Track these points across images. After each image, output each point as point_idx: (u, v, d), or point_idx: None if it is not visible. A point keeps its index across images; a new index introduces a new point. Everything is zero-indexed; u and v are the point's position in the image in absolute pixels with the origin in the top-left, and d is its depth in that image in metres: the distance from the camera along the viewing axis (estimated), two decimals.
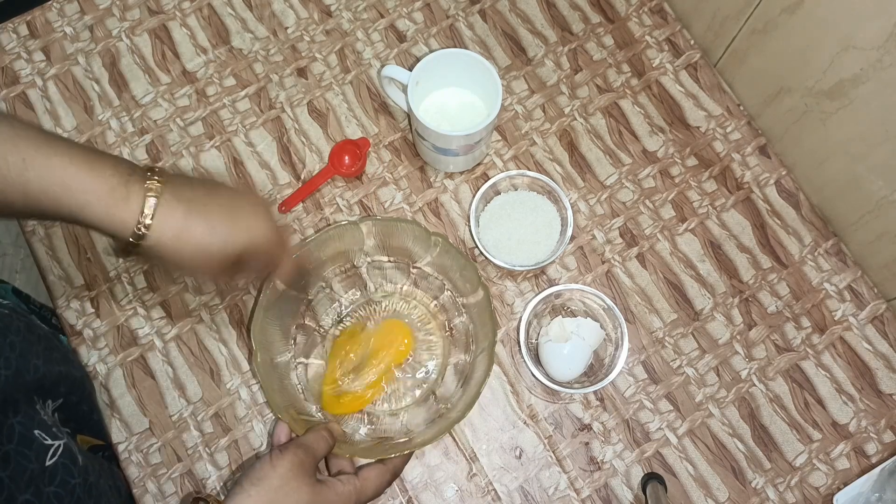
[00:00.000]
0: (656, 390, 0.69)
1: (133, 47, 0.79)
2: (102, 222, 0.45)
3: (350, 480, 0.57)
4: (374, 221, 0.66)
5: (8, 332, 0.56)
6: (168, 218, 0.46)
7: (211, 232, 0.48)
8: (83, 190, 0.44)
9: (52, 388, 0.60)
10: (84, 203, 0.45)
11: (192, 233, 0.47)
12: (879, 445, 0.68)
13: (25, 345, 0.57)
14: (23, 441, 0.53)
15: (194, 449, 0.67)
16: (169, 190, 0.46)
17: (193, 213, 0.47)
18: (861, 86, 0.63)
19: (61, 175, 0.44)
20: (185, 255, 0.48)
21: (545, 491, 0.66)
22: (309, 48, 0.79)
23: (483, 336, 0.64)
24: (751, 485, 0.67)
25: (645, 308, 0.71)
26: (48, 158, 0.44)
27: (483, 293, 0.63)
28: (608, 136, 0.76)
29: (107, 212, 0.45)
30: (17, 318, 0.59)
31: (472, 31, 0.80)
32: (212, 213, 0.48)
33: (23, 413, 0.54)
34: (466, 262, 0.65)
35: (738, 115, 0.77)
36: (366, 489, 0.57)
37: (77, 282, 0.71)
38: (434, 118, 0.69)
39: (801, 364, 0.70)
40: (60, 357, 0.63)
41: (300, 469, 0.54)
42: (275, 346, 0.65)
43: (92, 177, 0.45)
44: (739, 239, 0.73)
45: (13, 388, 0.54)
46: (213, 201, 0.49)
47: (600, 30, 0.80)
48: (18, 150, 0.44)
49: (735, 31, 0.74)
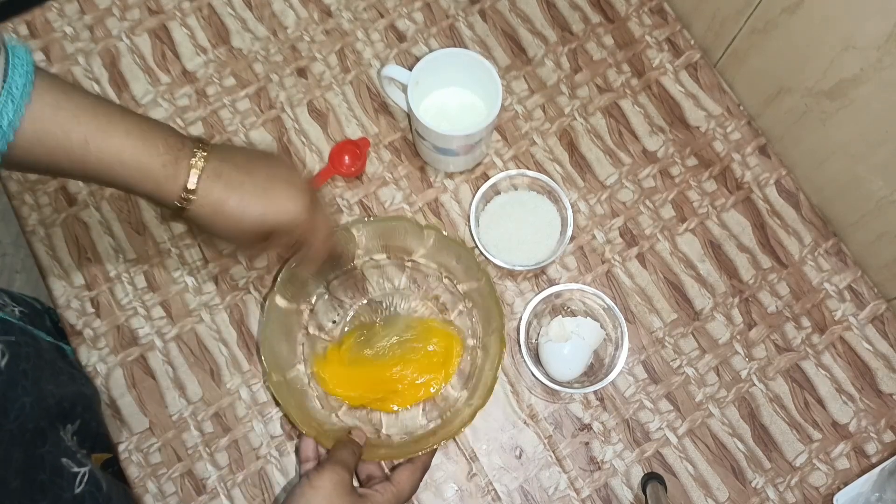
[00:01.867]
0: (656, 390, 0.69)
1: (133, 47, 0.79)
2: (153, 194, 0.50)
3: (386, 488, 0.59)
4: (365, 224, 0.67)
5: (19, 361, 0.56)
6: (207, 193, 0.50)
7: (243, 208, 0.51)
8: (138, 167, 0.48)
9: (71, 410, 0.60)
10: (139, 179, 0.49)
11: (226, 207, 0.50)
12: (879, 445, 0.68)
13: (37, 372, 0.57)
14: (54, 470, 0.53)
15: (194, 449, 0.67)
16: (211, 166, 0.50)
17: (230, 190, 0.50)
18: (861, 86, 0.63)
19: (119, 152, 0.48)
20: (219, 226, 0.51)
21: (545, 491, 0.66)
22: (309, 48, 0.79)
23: (490, 321, 0.64)
24: (751, 485, 0.67)
25: (645, 308, 0.71)
26: (108, 137, 0.47)
27: (484, 278, 0.64)
28: (608, 136, 0.76)
29: (157, 186, 0.49)
30: (26, 346, 0.59)
31: (472, 31, 0.80)
32: (246, 191, 0.51)
33: (50, 442, 0.55)
34: (462, 249, 0.65)
35: (738, 115, 0.77)
36: (402, 492, 0.59)
37: (77, 282, 0.71)
38: (434, 118, 0.69)
39: (801, 364, 0.70)
40: (67, 378, 0.63)
41: (342, 487, 0.56)
42: (284, 360, 0.65)
43: (146, 153, 0.48)
44: (739, 239, 0.73)
45: (38, 415, 0.54)
46: (250, 179, 0.51)
47: (600, 30, 0.80)
48: (81, 127, 0.47)
49: (735, 31, 0.74)
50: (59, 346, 0.69)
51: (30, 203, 0.74)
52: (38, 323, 0.70)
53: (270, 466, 0.67)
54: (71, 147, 0.47)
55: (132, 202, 0.74)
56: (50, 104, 0.46)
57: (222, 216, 0.51)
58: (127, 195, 0.74)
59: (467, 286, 0.67)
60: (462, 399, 0.66)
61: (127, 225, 0.73)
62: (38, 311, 0.77)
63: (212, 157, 0.50)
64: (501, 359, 0.61)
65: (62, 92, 0.47)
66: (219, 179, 0.50)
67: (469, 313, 0.68)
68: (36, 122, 0.46)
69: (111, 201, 0.74)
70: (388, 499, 0.58)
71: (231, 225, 0.51)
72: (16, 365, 0.55)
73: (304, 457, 0.63)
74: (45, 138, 0.46)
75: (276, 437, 0.67)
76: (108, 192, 0.74)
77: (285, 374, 0.64)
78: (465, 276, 0.67)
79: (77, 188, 0.74)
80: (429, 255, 0.68)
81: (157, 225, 0.73)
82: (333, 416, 0.66)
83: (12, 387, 0.53)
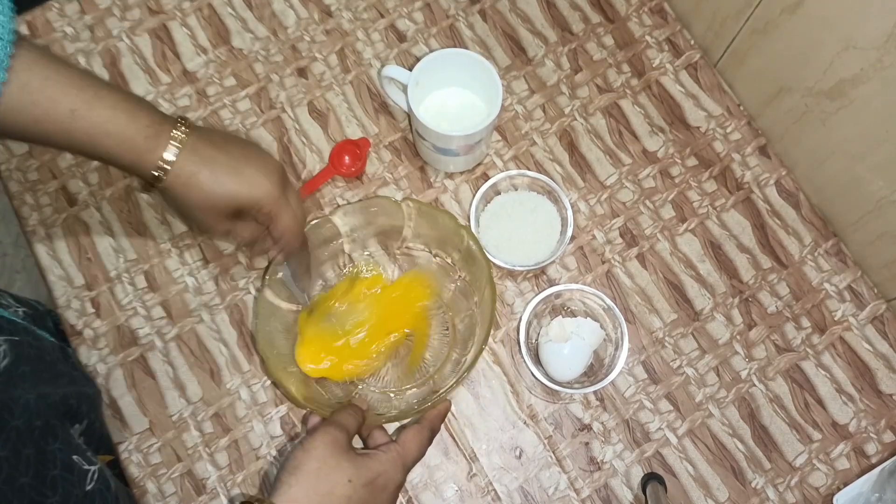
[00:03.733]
0: (656, 390, 0.69)
1: (133, 47, 0.79)
2: (132, 166, 0.51)
3: (390, 447, 0.56)
4: (346, 210, 0.67)
5: (21, 360, 0.56)
6: (182, 165, 0.51)
7: (214, 181, 0.52)
8: (122, 138, 0.50)
9: (77, 409, 0.60)
10: (120, 150, 0.50)
11: (199, 180, 0.52)
12: (879, 445, 0.68)
13: (36, 374, 0.57)
14: (65, 467, 0.53)
15: (194, 449, 0.67)
16: (190, 141, 0.52)
17: (203, 164, 0.52)
18: (861, 86, 0.63)
19: (104, 123, 0.49)
20: (192, 199, 0.53)
21: (545, 491, 0.66)
22: (309, 48, 0.79)
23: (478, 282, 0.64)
24: (751, 485, 0.67)
25: (645, 308, 0.71)
26: (94, 110, 0.49)
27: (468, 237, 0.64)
28: (608, 136, 0.76)
29: (137, 158, 0.51)
30: (29, 346, 0.59)
31: (472, 31, 0.80)
32: (219, 166, 0.53)
33: (61, 439, 0.54)
34: (439, 212, 0.65)
35: (738, 115, 0.77)
36: (409, 451, 0.57)
37: (77, 282, 0.71)
38: (434, 118, 0.69)
39: (801, 364, 0.70)
40: (68, 381, 0.62)
41: (335, 446, 0.53)
42: (286, 357, 0.65)
43: (131, 126, 0.50)
44: (739, 239, 0.73)
45: (44, 411, 0.54)
46: (224, 156, 0.53)
47: (600, 30, 0.80)
48: (69, 98, 0.48)
49: (735, 31, 0.74)
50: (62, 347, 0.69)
51: (30, 203, 0.74)
52: (40, 324, 0.70)
53: (271, 467, 0.67)
54: (58, 117, 0.48)
55: (132, 202, 0.74)
56: (39, 75, 0.48)
57: (195, 189, 0.52)
58: (126, 196, 0.74)
59: (456, 255, 0.68)
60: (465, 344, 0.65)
61: (127, 225, 0.73)
62: (41, 312, 0.77)
63: (191, 133, 0.52)
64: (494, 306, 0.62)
65: (52, 63, 0.49)
66: (194, 153, 0.52)
67: (462, 282, 0.68)
68: (24, 91, 0.47)
69: (111, 201, 0.74)
70: (391, 457, 0.55)
71: (202, 198, 0.53)
72: (18, 364, 0.55)
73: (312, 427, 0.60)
74: (34, 108, 0.48)
75: (276, 438, 0.67)
76: (108, 192, 0.74)
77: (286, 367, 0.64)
78: (450, 243, 0.67)
79: (77, 188, 0.74)
80: (415, 233, 0.68)
81: (157, 225, 0.73)
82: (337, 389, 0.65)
83: (15, 385, 0.53)
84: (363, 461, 0.53)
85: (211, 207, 0.53)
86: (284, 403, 0.68)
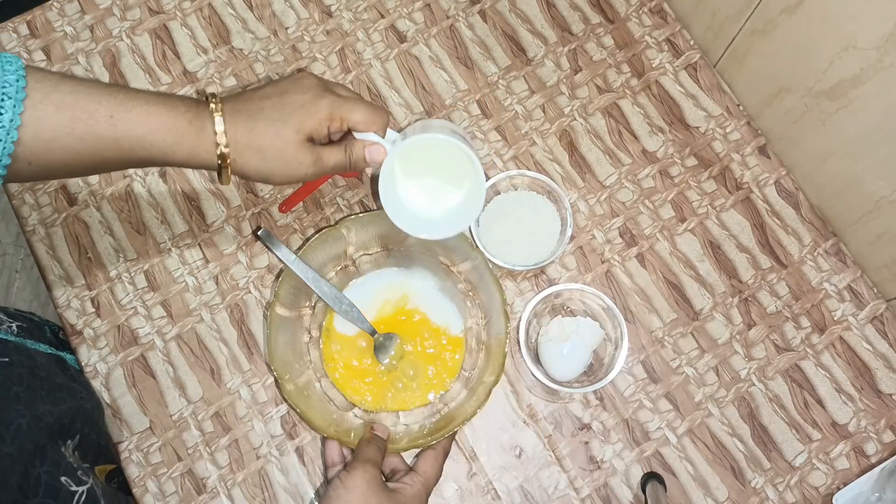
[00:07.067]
0: (656, 390, 0.69)
1: (133, 47, 0.79)
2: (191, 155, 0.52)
3: (414, 479, 0.60)
4: (353, 221, 0.68)
5: (10, 385, 0.56)
6: (236, 129, 0.52)
7: (272, 125, 0.53)
8: (167, 129, 0.50)
9: (70, 426, 0.61)
10: (171, 143, 0.51)
11: (258, 133, 0.52)
12: (879, 445, 0.68)
13: (30, 392, 0.57)
14: (49, 492, 0.53)
15: (195, 448, 0.67)
16: (229, 106, 0.53)
17: (253, 118, 0.53)
18: (861, 86, 0.63)
19: (145, 120, 0.50)
20: (266, 154, 0.53)
21: (545, 490, 0.66)
22: (309, 48, 0.79)
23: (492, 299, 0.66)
24: (750, 484, 0.67)
25: (644, 308, 0.71)
26: (131, 111, 0.50)
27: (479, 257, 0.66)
28: (608, 137, 0.77)
29: (191, 147, 0.51)
30: (20, 365, 0.58)
31: (472, 31, 0.80)
32: (267, 110, 0.53)
33: (50, 460, 0.55)
34: None
35: (738, 116, 0.77)
36: (429, 479, 0.61)
37: (77, 281, 0.71)
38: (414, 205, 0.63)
39: (800, 364, 0.70)
40: (66, 394, 0.62)
41: (374, 484, 0.58)
42: (293, 368, 0.65)
43: (171, 115, 0.51)
44: (739, 239, 0.73)
45: (36, 433, 0.54)
46: (265, 101, 0.54)
47: (600, 30, 0.80)
48: (103, 106, 0.49)
49: (735, 31, 0.74)
50: (59, 357, 0.69)
51: (30, 203, 0.74)
52: (37, 335, 0.70)
53: (271, 466, 0.67)
54: (99, 128, 0.49)
55: (132, 202, 0.74)
56: (67, 92, 0.48)
57: (260, 141, 0.52)
58: (126, 195, 0.74)
59: (462, 266, 0.68)
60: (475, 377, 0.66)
61: (127, 224, 0.73)
62: (38, 323, 0.77)
63: (224, 101, 0.53)
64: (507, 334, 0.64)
65: (72, 81, 0.49)
66: (239, 114, 0.52)
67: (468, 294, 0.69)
68: (60, 109, 0.48)
69: (111, 201, 0.74)
70: (417, 490, 0.60)
71: (271, 145, 0.52)
72: (8, 389, 0.55)
73: (331, 461, 0.64)
74: (74, 125, 0.48)
75: (276, 437, 0.67)
76: (108, 192, 0.74)
77: (296, 381, 0.65)
78: (458, 256, 0.68)
79: (77, 188, 0.74)
80: (422, 243, 0.68)
81: (157, 225, 0.73)
82: (351, 415, 0.66)
83: (7, 408, 0.54)
84: (397, 497, 0.58)
85: (283, 149, 0.53)
86: (284, 403, 0.68)
